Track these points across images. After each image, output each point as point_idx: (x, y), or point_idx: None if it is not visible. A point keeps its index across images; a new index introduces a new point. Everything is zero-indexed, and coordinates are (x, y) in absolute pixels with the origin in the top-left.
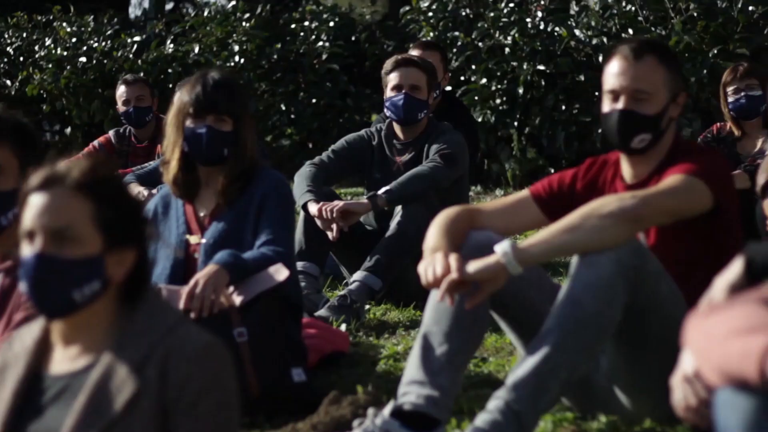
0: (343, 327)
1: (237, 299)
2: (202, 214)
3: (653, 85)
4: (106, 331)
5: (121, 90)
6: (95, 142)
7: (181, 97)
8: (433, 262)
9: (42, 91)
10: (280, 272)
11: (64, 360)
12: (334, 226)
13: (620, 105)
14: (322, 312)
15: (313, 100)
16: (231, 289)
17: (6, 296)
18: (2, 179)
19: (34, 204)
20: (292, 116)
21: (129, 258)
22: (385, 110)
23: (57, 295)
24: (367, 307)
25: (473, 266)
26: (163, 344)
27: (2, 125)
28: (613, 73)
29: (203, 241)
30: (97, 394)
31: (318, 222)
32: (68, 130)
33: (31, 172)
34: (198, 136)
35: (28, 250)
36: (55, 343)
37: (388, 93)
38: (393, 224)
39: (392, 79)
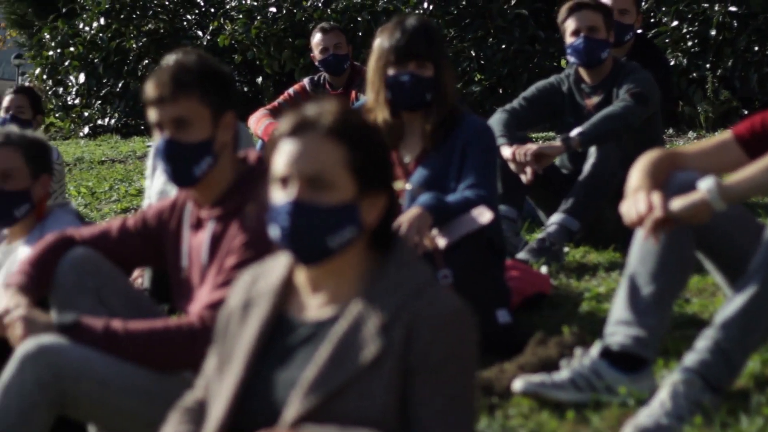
0: (543, 269)
1: (441, 241)
2: (406, 160)
3: None
4: (356, 281)
5: (318, 38)
6: (290, 90)
7: (381, 44)
8: (636, 201)
9: (233, 42)
10: (483, 215)
11: (310, 306)
12: (527, 169)
13: None
14: (521, 255)
15: (503, 46)
16: (435, 231)
17: (218, 242)
18: (191, 131)
19: (287, 150)
20: (482, 62)
21: (381, 203)
22: (568, 56)
23: (313, 242)
24: (566, 249)
25: (677, 203)
26: (411, 306)
27: (187, 76)
28: None
29: (408, 186)
30: (342, 348)
31: (511, 165)
32: (260, 79)
33: (226, 120)
34: (401, 83)
35: (281, 197)
36: (302, 287)
37: (568, 39)
38: (587, 165)
39: (569, 25)
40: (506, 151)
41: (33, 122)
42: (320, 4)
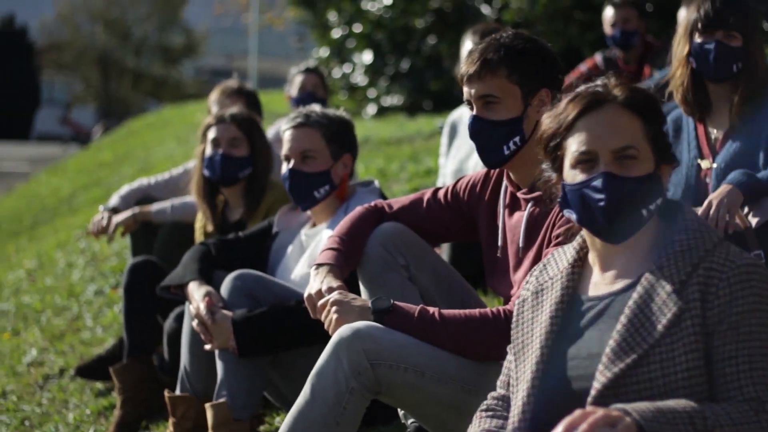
0: None
1: (753, 220)
2: (714, 136)
3: None
4: (645, 250)
5: (608, 12)
6: (582, 67)
7: (688, 14)
8: None
9: (519, 18)
10: None
11: (601, 282)
12: None
13: None
14: None
15: None
16: (746, 209)
17: (535, 225)
18: (498, 108)
19: (587, 127)
20: None
21: (667, 172)
22: None
23: (629, 214)
24: None
25: None
26: (703, 265)
27: (494, 54)
28: None
29: (714, 165)
30: (638, 315)
31: None
32: None
33: (540, 98)
34: (706, 51)
35: (580, 176)
36: (592, 265)
37: None
38: None
39: None
40: None
41: (327, 101)
42: None
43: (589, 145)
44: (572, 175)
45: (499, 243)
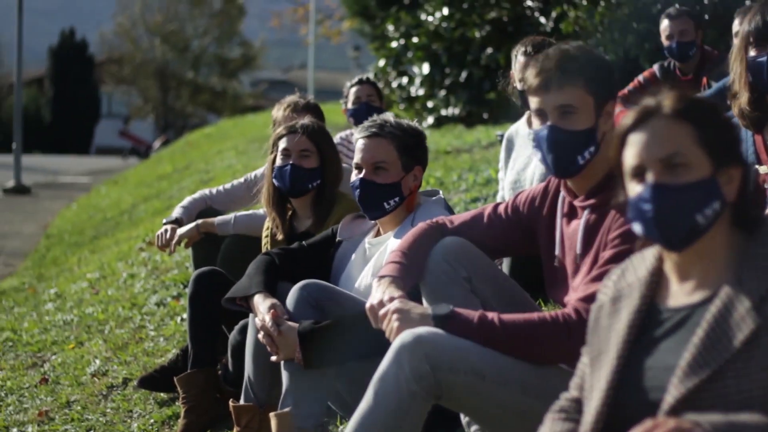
0: None
1: None
2: None
3: None
4: (724, 263)
5: (664, 24)
6: (640, 77)
7: (742, 27)
8: None
9: (577, 28)
10: None
11: (679, 293)
12: None
13: None
14: None
15: None
16: None
17: (591, 232)
18: (575, 119)
19: (636, 141)
20: None
21: (736, 176)
22: None
23: (682, 221)
24: None
25: None
26: None
27: (573, 64)
28: None
29: None
30: (716, 329)
31: None
32: None
33: (608, 109)
34: (759, 64)
35: (639, 188)
36: (670, 275)
37: None
38: None
39: None
40: None
41: (383, 110)
42: None
43: (638, 159)
44: (631, 190)
45: (557, 253)
